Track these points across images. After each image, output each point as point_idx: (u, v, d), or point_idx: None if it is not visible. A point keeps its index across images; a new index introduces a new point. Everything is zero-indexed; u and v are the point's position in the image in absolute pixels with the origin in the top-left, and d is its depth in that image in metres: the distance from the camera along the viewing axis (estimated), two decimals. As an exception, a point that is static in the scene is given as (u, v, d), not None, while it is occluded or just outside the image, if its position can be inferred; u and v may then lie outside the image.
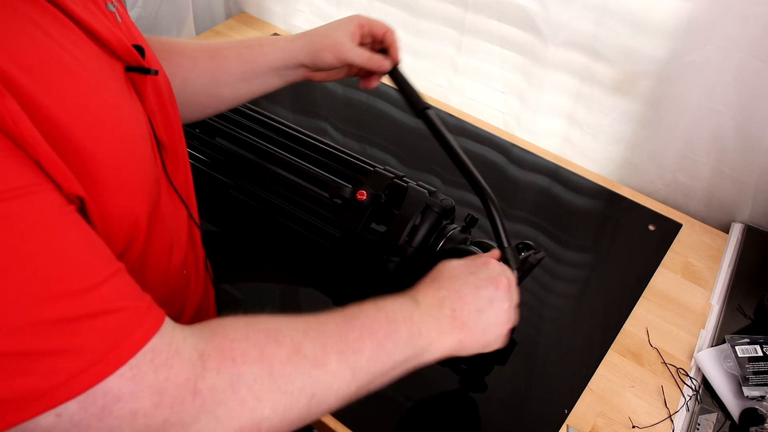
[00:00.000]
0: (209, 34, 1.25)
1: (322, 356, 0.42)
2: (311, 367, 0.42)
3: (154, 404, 0.34)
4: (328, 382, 0.43)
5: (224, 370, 0.38)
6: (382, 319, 0.48)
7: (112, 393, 0.33)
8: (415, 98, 0.71)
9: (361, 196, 0.69)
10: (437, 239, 0.69)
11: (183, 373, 0.36)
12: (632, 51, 0.83)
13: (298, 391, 0.41)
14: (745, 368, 0.67)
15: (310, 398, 0.41)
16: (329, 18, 1.18)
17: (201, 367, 0.37)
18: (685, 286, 0.79)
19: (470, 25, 0.98)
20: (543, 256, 0.62)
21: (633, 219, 0.88)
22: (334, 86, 1.11)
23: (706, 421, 0.65)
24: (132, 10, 1.19)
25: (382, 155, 0.96)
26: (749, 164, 0.81)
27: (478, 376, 0.69)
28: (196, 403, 0.36)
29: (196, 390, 0.36)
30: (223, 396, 0.37)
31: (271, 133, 0.85)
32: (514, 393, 0.67)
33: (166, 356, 0.36)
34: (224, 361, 0.38)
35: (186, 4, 1.20)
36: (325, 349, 0.43)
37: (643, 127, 0.89)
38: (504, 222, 0.59)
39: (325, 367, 0.42)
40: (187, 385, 0.36)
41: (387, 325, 0.47)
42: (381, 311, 0.48)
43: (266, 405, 0.39)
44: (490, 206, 0.60)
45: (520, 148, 0.99)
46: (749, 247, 0.83)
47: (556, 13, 0.87)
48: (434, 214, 0.68)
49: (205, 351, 0.38)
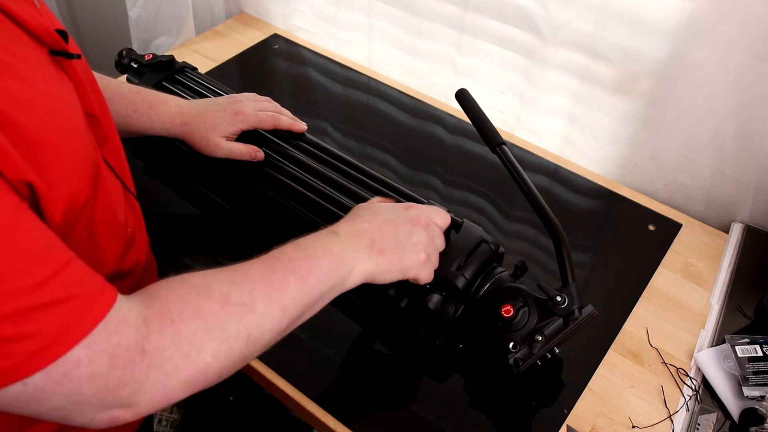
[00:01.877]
0: (209, 34, 1.25)
1: (250, 300, 0.47)
2: (242, 312, 0.46)
3: (108, 366, 0.39)
4: (259, 322, 0.47)
5: (165, 330, 0.42)
6: (303, 257, 0.52)
7: (72, 361, 0.38)
8: (490, 133, 0.70)
9: None
10: (484, 280, 0.66)
11: (131, 338, 0.40)
12: (632, 51, 0.83)
13: (233, 335, 0.45)
14: (745, 368, 0.67)
15: (247, 339, 0.46)
16: (329, 18, 1.18)
17: (146, 330, 0.42)
18: (685, 286, 0.79)
19: (470, 25, 0.98)
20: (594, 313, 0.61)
21: (633, 219, 0.88)
22: (334, 86, 1.11)
23: (706, 421, 0.65)
24: (132, 10, 1.19)
25: (382, 155, 0.96)
26: (749, 164, 0.81)
27: (478, 365, 0.69)
28: (144, 361, 0.41)
29: (144, 350, 0.41)
30: (167, 352, 0.42)
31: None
32: (514, 393, 0.67)
33: (115, 324, 0.40)
34: (164, 322, 0.43)
35: (186, 4, 1.20)
36: (252, 294, 0.48)
37: (643, 127, 0.89)
38: (572, 259, 0.62)
39: (254, 309, 0.47)
40: (135, 347, 0.40)
41: (308, 262, 0.52)
42: (301, 250, 0.53)
43: (207, 354, 0.44)
44: (561, 244, 0.63)
45: (519, 147, 0.99)
46: (749, 247, 0.83)
47: (556, 13, 0.87)
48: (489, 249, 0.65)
49: (147, 316, 0.42)
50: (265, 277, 0.50)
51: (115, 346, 0.39)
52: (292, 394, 0.67)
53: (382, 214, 0.60)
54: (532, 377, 0.68)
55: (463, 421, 0.65)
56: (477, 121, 0.71)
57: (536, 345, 0.60)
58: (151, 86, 0.92)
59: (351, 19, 1.15)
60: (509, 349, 0.61)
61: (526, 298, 0.62)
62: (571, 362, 0.70)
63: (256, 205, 0.84)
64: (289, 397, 0.67)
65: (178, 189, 0.90)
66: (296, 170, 0.80)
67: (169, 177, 0.92)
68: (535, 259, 0.81)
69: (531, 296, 0.63)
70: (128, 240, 0.59)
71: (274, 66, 1.17)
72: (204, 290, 0.46)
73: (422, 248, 0.59)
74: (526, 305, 0.62)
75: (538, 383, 0.68)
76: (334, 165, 0.81)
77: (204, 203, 0.88)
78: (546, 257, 0.81)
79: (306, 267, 0.52)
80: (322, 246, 0.54)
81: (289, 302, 0.49)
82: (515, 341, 0.61)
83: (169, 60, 0.96)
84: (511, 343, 0.61)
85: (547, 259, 0.81)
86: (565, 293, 0.61)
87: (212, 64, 1.15)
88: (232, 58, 1.17)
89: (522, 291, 0.63)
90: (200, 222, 0.86)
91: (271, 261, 0.51)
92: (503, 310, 0.62)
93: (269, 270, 0.50)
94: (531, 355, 0.61)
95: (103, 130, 0.56)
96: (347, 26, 1.17)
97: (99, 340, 0.39)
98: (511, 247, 0.82)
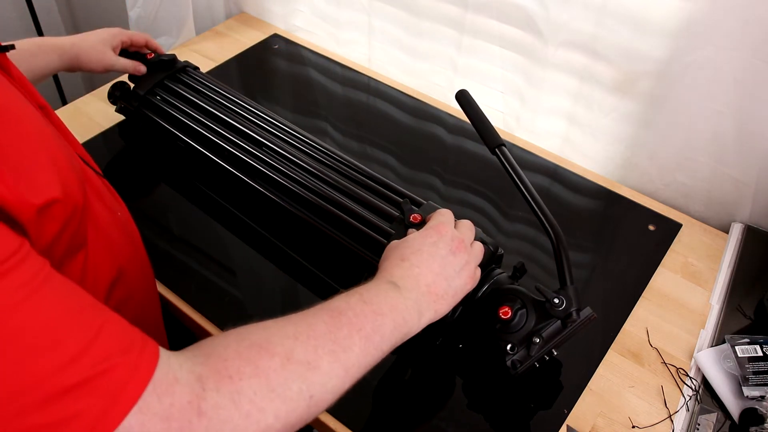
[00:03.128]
0: (209, 34, 1.25)
1: (314, 359, 0.44)
2: (305, 371, 0.43)
3: (163, 430, 0.36)
4: (323, 382, 0.44)
5: (223, 388, 0.39)
6: (368, 313, 0.50)
7: (124, 428, 0.35)
8: (489, 134, 0.70)
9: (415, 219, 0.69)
10: (482, 281, 0.65)
11: (185, 397, 0.37)
12: (632, 51, 0.83)
13: (296, 395, 0.42)
14: (745, 368, 0.67)
15: (309, 400, 0.43)
16: (329, 18, 1.18)
17: (200, 388, 0.38)
18: (685, 286, 0.79)
19: (470, 25, 0.98)
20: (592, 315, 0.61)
21: (633, 219, 0.88)
22: (334, 86, 1.11)
23: (706, 421, 0.65)
24: (132, 10, 1.19)
25: (382, 155, 0.96)
26: (749, 164, 0.81)
27: (479, 363, 0.69)
28: (202, 423, 0.37)
29: (200, 411, 0.38)
30: (226, 413, 0.38)
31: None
32: (515, 393, 0.67)
33: (166, 385, 0.37)
34: (222, 380, 0.39)
35: (186, 4, 1.20)
36: (316, 352, 0.44)
37: (643, 127, 0.89)
38: (570, 261, 0.62)
39: (318, 368, 0.44)
40: (190, 407, 0.37)
41: (374, 319, 0.49)
42: (367, 305, 0.50)
43: (269, 414, 0.40)
44: (559, 246, 0.62)
45: (520, 147, 0.99)
46: (749, 247, 0.83)
47: (556, 13, 0.87)
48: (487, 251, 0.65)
49: (202, 374, 0.39)
50: (330, 333, 0.46)
51: (168, 407, 0.37)
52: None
53: (424, 250, 0.58)
54: (533, 377, 0.68)
55: (463, 421, 0.65)
56: (476, 122, 0.71)
57: (534, 347, 0.60)
58: (152, 85, 0.92)
59: (351, 19, 1.15)
60: (507, 350, 0.61)
61: (524, 300, 0.62)
62: (571, 362, 0.70)
63: (252, 203, 0.84)
64: (289, 397, 0.67)
65: (176, 186, 0.90)
66: (297, 172, 0.80)
67: (166, 174, 0.92)
68: (535, 260, 0.81)
69: (529, 298, 0.63)
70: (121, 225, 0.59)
71: (274, 66, 1.17)
72: (265, 346, 0.43)
73: (467, 273, 0.59)
74: (524, 307, 0.62)
75: (538, 383, 0.68)
76: (336, 167, 0.81)
77: (201, 201, 0.88)
78: (546, 258, 0.81)
79: (372, 325, 0.49)
80: (387, 302, 0.51)
81: (353, 362, 0.47)
82: (513, 343, 0.61)
83: (170, 59, 0.96)
84: (509, 344, 0.61)
85: (547, 259, 0.81)
86: (563, 295, 0.61)
87: (212, 64, 1.15)
88: (232, 58, 1.17)
89: (520, 293, 0.63)
90: (194, 214, 0.86)
91: (335, 314, 0.48)
92: (501, 311, 0.62)
93: (334, 326, 0.47)
94: (529, 357, 0.60)
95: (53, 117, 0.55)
96: (347, 26, 1.17)
97: (150, 403, 0.36)
98: (511, 248, 0.82)
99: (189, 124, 0.88)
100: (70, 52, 0.87)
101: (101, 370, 0.35)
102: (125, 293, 0.58)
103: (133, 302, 0.60)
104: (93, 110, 1.04)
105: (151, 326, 0.67)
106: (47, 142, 0.44)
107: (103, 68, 0.90)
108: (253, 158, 0.83)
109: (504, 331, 0.62)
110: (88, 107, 1.05)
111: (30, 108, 0.46)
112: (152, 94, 0.93)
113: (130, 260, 0.60)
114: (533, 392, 0.67)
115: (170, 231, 0.85)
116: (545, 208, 0.64)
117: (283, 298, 0.78)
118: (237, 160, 0.84)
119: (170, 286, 0.77)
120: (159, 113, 0.92)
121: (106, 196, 0.58)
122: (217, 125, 0.87)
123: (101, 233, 0.53)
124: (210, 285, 0.77)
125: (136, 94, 0.93)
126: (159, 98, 0.93)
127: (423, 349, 0.71)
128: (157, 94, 0.93)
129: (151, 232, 0.83)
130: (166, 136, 0.90)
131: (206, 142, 0.87)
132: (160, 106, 0.92)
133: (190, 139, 0.88)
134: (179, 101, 0.92)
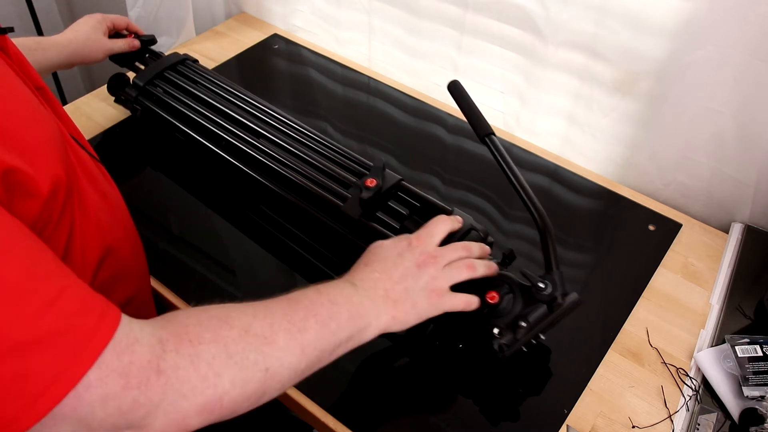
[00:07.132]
0: (209, 34, 1.25)
1: (270, 334, 0.46)
2: (261, 344, 0.45)
3: (121, 386, 0.37)
4: (279, 357, 0.46)
5: (183, 350, 0.41)
6: (324, 301, 0.52)
7: (83, 384, 0.36)
8: (479, 123, 0.70)
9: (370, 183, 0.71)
10: None
11: (145, 356, 0.39)
12: (632, 51, 0.83)
13: (252, 365, 0.44)
14: (745, 368, 0.67)
15: (265, 372, 0.45)
16: (329, 18, 1.18)
17: (161, 349, 0.40)
18: (685, 286, 0.79)
19: (470, 25, 0.98)
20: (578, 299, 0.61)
21: (633, 219, 0.88)
22: (334, 86, 1.11)
23: (706, 421, 0.65)
24: (132, 10, 1.19)
25: (382, 155, 0.96)
26: (749, 164, 0.81)
27: (478, 360, 0.69)
28: (160, 381, 0.39)
29: (159, 369, 0.39)
30: (185, 373, 0.40)
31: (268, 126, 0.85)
32: (514, 393, 0.67)
33: (126, 344, 0.39)
34: (182, 343, 0.41)
35: (186, 4, 1.20)
36: (272, 328, 0.47)
37: (643, 127, 0.89)
38: (556, 249, 0.62)
39: (274, 343, 0.46)
40: (150, 366, 0.39)
41: (330, 307, 0.52)
42: (323, 295, 0.53)
43: (225, 379, 0.42)
44: (545, 232, 0.63)
45: (519, 147, 0.99)
46: (749, 247, 0.83)
47: (556, 13, 0.87)
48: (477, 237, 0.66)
49: (162, 336, 0.41)
50: (286, 315, 0.49)
51: (127, 365, 0.38)
52: (292, 394, 0.67)
53: (389, 259, 0.59)
54: (532, 378, 0.68)
55: (463, 421, 0.65)
56: (467, 111, 0.71)
57: (520, 331, 0.61)
58: (152, 76, 0.94)
59: (351, 19, 1.15)
60: (494, 335, 0.62)
61: (511, 284, 0.63)
62: (571, 362, 0.70)
63: (252, 194, 0.84)
64: (289, 397, 0.67)
65: (175, 177, 0.90)
66: (296, 162, 0.80)
67: (166, 167, 0.92)
68: (535, 260, 0.81)
69: (516, 283, 0.64)
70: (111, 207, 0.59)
71: (274, 66, 1.17)
72: (224, 319, 0.45)
73: (432, 288, 0.58)
74: (511, 292, 0.63)
75: (538, 383, 0.68)
76: (337, 159, 0.82)
77: (201, 194, 0.88)
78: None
79: (327, 312, 0.51)
80: (342, 295, 0.54)
81: (308, 343, 0.48)
82: (500, 327, 0.62)
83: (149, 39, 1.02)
84: (496, 329, 0.62)
85: (547, 259, 0.81)
86: (549, 280, 0.61)
87: (212, 64, 1.15)
88: (232, 58, 1.17)
89: (507, 278, 0.64)
90: (188, 203, 0.86)
91: (292, 301, 0.51)
92: (488, 296, 0.63)
93: (291, 309, 0.50)
94: (516, 341, 0.61)
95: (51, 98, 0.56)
96: (347, 26, 1.17)
97: (109, 361, 0.37)
98: (510, 248, 0.82)
99: (189, 115, 0.89)
100: (69, 47, 0.90)
101: (62, 328, 0.36)
102: (113, 272, 0.58)
103: (123, 282, 0.61)
104: (93, 110, 1.04)
105: (142, 306, 0.68)
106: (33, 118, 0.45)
107: (104, 54, 0.95)
108: (252, 148, 0.83)
109: (491, 315, 0.63)
110: (88, 107, 1.05)
111: (23, 87, 0.47)
112: (152, 85, 0.94)
113: (120, 241, 0.60)
114: (533, 392, 0.67)
115: (168, 227, 0.85)
116: (533, 196, 0.64)
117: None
118: (237, 150, 0.84)
119: (171, 286, 0.77)
120: (158, 104, 0.93)
121: (97, 178, 0.59)
122: (217, 116, 0.88)
123: (89, 212, 0.53)
124: (208, 282, 0.77)
125: (136, 85, 0.94)
126: (159, 89, 0.94)
127: (423, 349, 0.71)
128: (157, 84, 0.94)
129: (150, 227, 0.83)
130: (166, 127, 0.91)
131: (206, 133, 0.87)
132: (160, 97, 0.93)
133: (190, 129, 0.89)
134: (179, 92, 0.93)
